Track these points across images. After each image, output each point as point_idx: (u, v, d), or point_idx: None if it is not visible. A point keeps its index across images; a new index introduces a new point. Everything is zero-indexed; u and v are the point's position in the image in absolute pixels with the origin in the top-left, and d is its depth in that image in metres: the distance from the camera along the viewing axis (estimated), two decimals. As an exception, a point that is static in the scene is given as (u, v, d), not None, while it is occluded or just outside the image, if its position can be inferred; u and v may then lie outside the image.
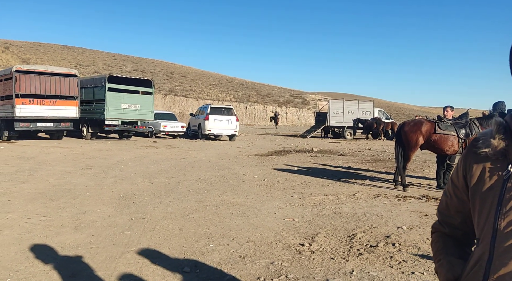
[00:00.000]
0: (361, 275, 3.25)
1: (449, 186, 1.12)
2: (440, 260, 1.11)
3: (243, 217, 5.03)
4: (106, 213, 5.07)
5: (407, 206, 5.78)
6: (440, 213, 1.17)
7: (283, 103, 52.68)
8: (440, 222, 1.18)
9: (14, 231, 4.21)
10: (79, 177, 7.67)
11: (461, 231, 1.11)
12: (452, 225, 1.13)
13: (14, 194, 5.99)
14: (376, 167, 10.28)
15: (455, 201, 1.09)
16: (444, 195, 1.15)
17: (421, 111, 71.37)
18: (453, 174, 1.10)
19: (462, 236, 1.11)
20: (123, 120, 17.24)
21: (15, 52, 44.93)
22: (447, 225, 1.14)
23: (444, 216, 1.15)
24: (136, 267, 3.34)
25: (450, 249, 1.11)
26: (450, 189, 1.11)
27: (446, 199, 1.13)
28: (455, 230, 1.12)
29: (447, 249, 1.11)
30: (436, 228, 1.20)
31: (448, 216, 1.13)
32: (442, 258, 1.10)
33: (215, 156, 12.13)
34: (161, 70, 56.43)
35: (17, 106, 14.64)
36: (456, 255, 1.08)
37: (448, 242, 1.13)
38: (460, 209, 1.08)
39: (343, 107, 23.77)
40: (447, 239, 1.14)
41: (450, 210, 1.12)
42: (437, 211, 1.20)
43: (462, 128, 6.94)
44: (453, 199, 1.10)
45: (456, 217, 1.10)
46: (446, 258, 1.08)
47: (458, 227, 1.11)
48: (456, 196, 1.08)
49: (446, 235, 1.15)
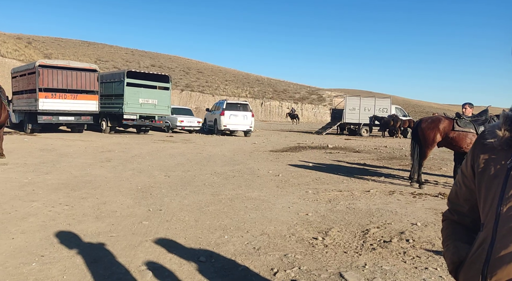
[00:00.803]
0: (374, 269, 3.29)
1: (459, 176, 1.18)
2: (448, 245, 1.17)
3: (257, 211, 5.11)
4: (125, 204, 5.24)
5: (423, 203, 5.75)
6: (450, 202, 1.23)
7: (299, 99, 52.44)
8: (450, 210, 1.24)
9: (39, 219, 4.41)
10: (99, 169, 7.90)
11: (469, 218, 1.16)
12: (460, 212, 1.18)
13: (38, 184, 6.24)
14: (392, 165, 10.20)
15: (463, 190, 1.15)
16: (454, 185, 1.21)
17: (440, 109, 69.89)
18: (463, 165, 1.16)
19: (471, 223, 1.16)
20: (141, 115, 17.54)
21: (37, 47, 46.07)
22: (456, 213, 1.20)
23: (454, 204, 1.21)
24: (154, 255, 3.46)
25: (457, 235, 1.17)
26: (459, 179, 1.17)
27: (455, 188, 1.20)
28: (463, 218, 1.18)
29: (455, 235, 1.17)
30: (446, 216, 1.26)
31: (457, 204, 1.19)
32: (449, 243, 1.16)
33: (231, 151, 12.25)
34: (178, 65, 56.92)
35: (40, 100, 15.08)
36: (463, 240, 1.14)
37: (456, 229, 1.19)
38: (468, 197, 1.13)
39: (360, 104, 23.54)
40: (456, 226, 1.20)
41: (459, 198, 1.17)
42: (447, 200, 1.26)
43: (482, 126, 6.83)
44: (462, 188, 1.15)
45: (465, 205, 1.16)
46: (453, 243, 1.14)
47: (466, 215, 1.17)
48: (465, 185, 1.13)
49: (455, 222, 1.21)
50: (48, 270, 3.09)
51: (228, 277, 3.09)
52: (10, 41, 39.63)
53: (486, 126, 6.78)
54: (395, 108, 24.80)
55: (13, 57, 35.25)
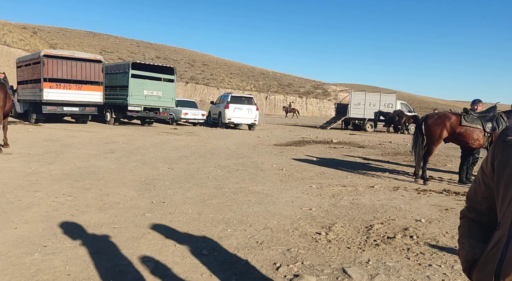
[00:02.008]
0: (377, 265, 3.26)
1: (479, 173, 1.15)
2: (463, 243, 1.15)
3: (260, 205, 5.09)
4: (128, 196, 5.23)
5: (427, 200, 5.71)
6: (469, 199, 1.22)
7: (304, 93, 52.22)
8: (467, 208, 1.22)
9: (42, 209, 4.41)
10: (103, 160, 7.91)
11: (487, 217, 1.14)
12: (478, 211, 1.17)
13: (42, 174, 6.25)
14: (397, 160, 10.13)
15: (482, 188, 1.13)
16: (474, 182, 1.19)
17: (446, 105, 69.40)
18: (483, 162, 1.13)
19: (488, 221, 1.14)
20: (145, 107, 17.54)
21: (42, 37, 46.08)
22: (474, 211, 1.18)
23: (472, 202, 1.19)
24: (156, 248, 3.45)
25: (473, 233, 1.14)
26: (479, 176, 1.15)
27: (475, 185, 1.17)
28: (481, 216, 1.16)
29: (471, 233, 1.15)
30: (463, 214, 1.24)
31: (475, 202, 1.17)
32: (465, 241, 1.14)
33: (235, 145, 12.23)
34: (183, 58, 56.78)
35: (45, 90, 15.09)
36: (478, 238, 1.11)
37: (473, 227, 1.17)
38: (486, 195, 1.11)
39: (365, 99, 23.39)
40: (472, 224, 1.18)
41: (478, 196, 1.15)
42: (466, 198, 1.24)
43: (489, 122, 6.75)
44: (481, 185, 1.13)
45: (483, 203, 1.14)
46: (469, 241, 1.12)
47: (484, 213, 1.14)
48: (484, 182, 1.12)
49: (473, 220, 1.19)
50: (50, 260, 3.09)
51: (231, 270, 3.07)
52: (16, 30, 39.66)
53: (493, 122, 6.71)
54: (401, 103, 24.61)
55: (18, 46, 35.32)
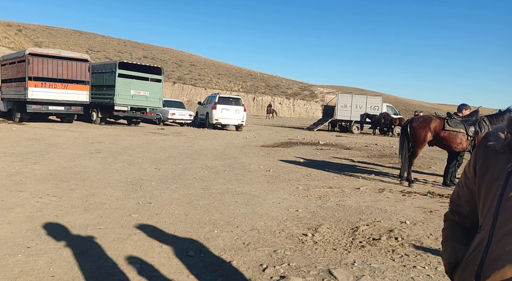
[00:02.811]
0: (363, 267, 3.30)
1: (462, 177, 1.18)
2: (446, 245, 1.18)
3: (247, 206, 5.10)
4: (114, 196, 5.18)
5: (412, 202, 5.81)
6: (452, 203, 1.24)
7: (291, 95, 52.46)
8: (451, 211, 1.25)
9: (26, 210, 4.33)
10: (88, 160, 7.80)
11: (470, 220, 1.16)
12: (461, 214, 1.19)
13: (26, 174, 6.13)
14: (382, 162, 10.27)
15: (465, 192, 1.15)
16: (457, 186, 1.22)
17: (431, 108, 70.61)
18: (466, 166, 1.16)
19: (470, 224, 1.16)
20: (132, 106, 17.37)
21: (28, 35, 45.20)
22: (457, 214, 1.21)
23: (455, 205, 1.22)
24: (142, 249, 3.43)
25: (456, 236, 1.17)
26: (462, 180, 1.17)
27: (458, 189, 1.20)
28: (464, 219, 1.19)
29: (454, 236, 1.18)
30: (447, 217, 1.27)
31: (458, 205, 1.20)
32: (448, 243, 1.17)
33: (222, 145, 12.21)
34: (171, 58, 56.42)
35: (29, 89, 14.81)
36: (461, 241, 1.14)
37: (455, 230, 1.20)
38: (469, 199, 1.14)
39: (352, 101, 23.64)
40: (455, 227, 1.21)
41: (461, 199, 1.18)
42: (449, 201, 1.27)
43: (472, 126, 6.90)
44: (464, 189, 1.16)
45: (465, 206, 1.17)
46: (451, 243, 1.15)
47: (466, 216, 1.17)
48: (467, 186, 1.14)
49: (456, 223, 1.21)
50: (34, 262, 3.04)
51: (217, 272, 3.08)
52: (0, 28, 38.80)
53: (476, 126, 6.87)
54: (386, 106, 24.96)
55: (2, 44, 34.55)
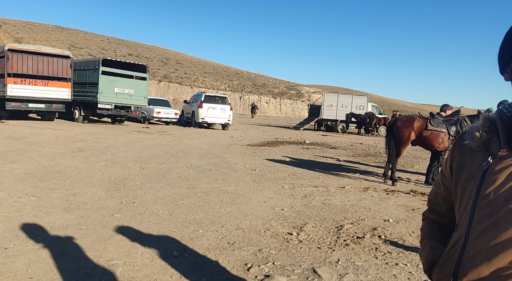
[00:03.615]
0: (347, 265, 3.32)
1: (439, 176, 1.19)
2: (424, 244, 1.18)
3: (233, 205, 5.07)
4: (96, 196, 5.08)
5: (395, 200, 5.88)
6: (430, 201, 1.25)
7: (278, 94, 52.58)
8: (429, 210, 1.25)
9: (3, 210, 4.20)
10: (70, 159, 7.63)
11: (447, 218, 1.17)
12: (439, 212, 1.20)
13: (4, 173, 5.96)
14: (367, 161, 10.38)
15: (442, 190, 1.16)
16: (435, 185, 1.22)
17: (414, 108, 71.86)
18: (443, 165, 1.17)
19: (448, 223, 1.17)
20: (116, 105, 17.09)
21: (7, 30, 44.00)
22: (434, 213, 1.22)
23: (433, 204, 1.23)
24: (125, 249, 3.36)
25: (434, 234, 1.18)
26: (439, 179, 1.18)
27: (435, 188, 1.21)
28: (441, 218, 1.20)
29: (432, 234, 1.19)
30: (425, 216, 1.27)
31: (436, 204, 1.21)
32: (426, 242, 1.18)
33: (208, 144, 12.14)
34: (156, 56, 55.80)
35: (8, 86, 14.41)
36: (439, 240, 1.15)
37: (434, 228, 1.21)
38: (446, 198, 1.15)
39: (337, 101, 23.82)
40: (433, 225, 1.22)
41: (438, 198, 1.19)
42: (427, 200, 1.28)
43: (453, 126, 7.04)
44: (441, 188, 1.17)
45: (443, 205, 1.18)
46: (429, 242, 1.16)
47: (444, 215, 1.19)
48: (444, 185, 1.15)
49: (434, 222, 1.23)
50: (11, 263, 2.95)
51: (201, 272, 3.04)
52: (-22, 22, 37.66)
53: (457, 126, 7.00)
54: (372, 106, 25.25)
55: (-20, 39, 33.53)
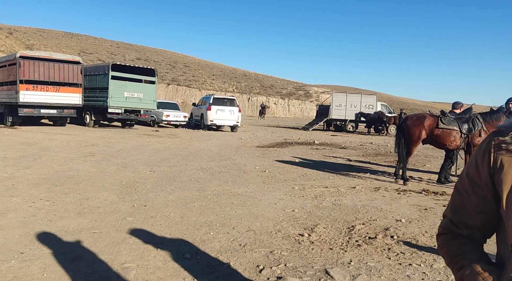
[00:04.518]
0: (359, 266, 3.30)
1: (465, 184, 1.01)
2: (462, 266, 0.98)
3: (243, 207, 5.08)
4: (108, 200, 5.14)
5: (407, 200, 5.82)
6: (454, 213, 1.05)
7: (286, 95, 52.53)
8: (453, 222, 1.06)
9: (19, 215, 4.28)
10: (82, 164, 7.74)
11: (480, 232, 1.02)
12: (469, 226, 1.02)
13: (18, 179, 6.06)
14: (377, 161, 10.30)
15: (475, 201, 0.98)
16: (458, 194, 1.03)
17: (425, 106, 71.12)
18: (471, 171, 0.99)
19: (481, 237, 1.03)
20: (126, 109, 17.27)
21: (18, 37, 44.81)
22: (463, 226, 1.03)
23: (460, 216, 1.04)
24: (138, 253, 3.40)
25: (472, 254, 1.00)
26: (467, 187, 1.00)
27: (461, 198, 1.02)
28: (473, 231, 1.02)
29: (469, 254, 1.00)
30: (447, 229, 1.07)
31: (465, 216, 1.03)
32: (465, 263, 0.98)
33: (217, 147, 12.18)
34: (164, 59, 56.24)
35: (21, 92, 14.68)
36: (484, 260, 0.98)
37: (465, 245, 1.02)
38: (482, 210, 0.98)
39: (346, 101, 23.71)
40: (464, 241, 1.03)
41: (468, 210, 1.01)
42: (449, 211, 1.08)
43: (465, 123, 6.95)
44: (472, 198, 0.99)
45: (477, 217, 1.00)
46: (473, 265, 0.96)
47: (477, 228, 1.02)
48: (477, 195, 0.97)
49: (462, 237, 1.04)
50: (27, 267, 3.00)
51: (214, 274, 3.06)
52: (-10, 31, 38.40)
53: (469, 124, 6.91)
54: (381, 105, 25.07)
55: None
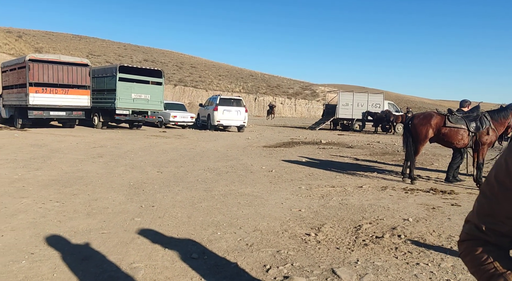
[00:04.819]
0: (366, 265, 3.30)
1: (494, 188, 0.97)
2: (493, 275, 0.96)
3: (250, 207, 5.10)
4: (117, 200, 5.20)
5: (414, 199, 5.79)
6: (481, 219, 1.01)
7: (292, 94, 52.44)
8: (479, 229, 1.02)
9: (29, 216, 4.35)
10: (91, 165, 7.82)
11: (509, 239, 0.99)
12: (498, 232, 0.99)
13: (29, 180, 6.16)
14: (385, 160, 10.25)
15: (505, 206, 0.94)
16: (486, 198, 0.99)
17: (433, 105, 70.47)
18: (500, 174, 0.95)
19: (509, 244, 1.00)
20: (133, 110, 17.40)
21: (28, 41, 45.38)
22: (491, 232, 1.00)
23: (488, 222, 1.00)
24: (146, 253, 3.44)
25: (502, 262, 0.97)
26: (496, 192, 0.96)
27: (489, 203, 0.98)
28: (502, 238, 0.99)
29: (499, 262, 0.97)
30: (472, 235, 1.03)
31: (493, 222, 0.99)
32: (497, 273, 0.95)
33: (224, 147, 12.22)
34: (171, 60, 56.51)
35: (30, 95, 14.87)
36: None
37: (493, 252, 0.99)
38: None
39: (353, 100, 23.59)
40: (491, 248, 1.00)
41: (497, 215, 0.97)
42: (474, 216, 1.04)
43: (473, 122, 6.88)
44: (501, 204, 0.95)
45: (506, 223, 0.96)
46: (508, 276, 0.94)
47: (506, 235, 0.98)
48: (508, 200, 0.93)
49: (488, 244, 1.01)
50: (38, 268, 3.05)
51: (221, 274, 3.08)
52: (0, 34, 38.96)
53: (477, 122, 6.85)
54: (388, 103, 24.90)
55: (3, 51, 34.69)
